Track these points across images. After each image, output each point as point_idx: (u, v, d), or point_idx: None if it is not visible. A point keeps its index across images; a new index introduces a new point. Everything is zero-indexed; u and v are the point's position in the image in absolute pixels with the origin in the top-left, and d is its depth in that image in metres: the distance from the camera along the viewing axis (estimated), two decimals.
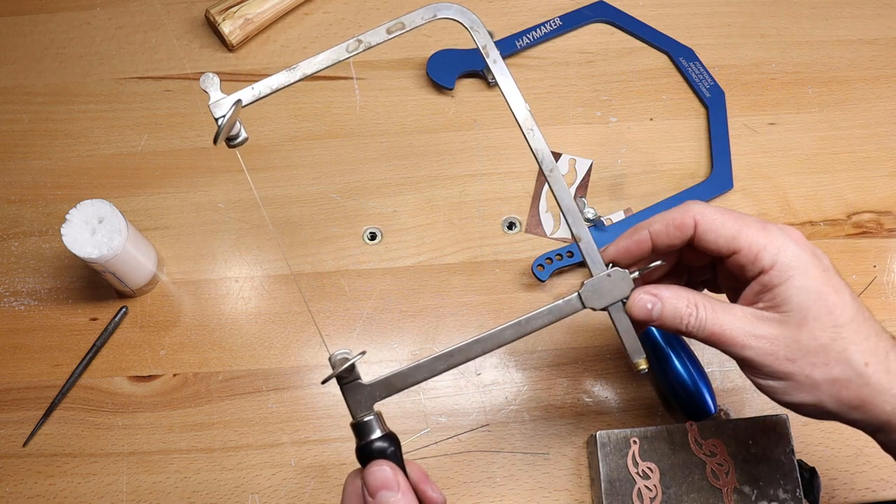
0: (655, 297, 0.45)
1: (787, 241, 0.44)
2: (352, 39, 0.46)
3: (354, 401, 0.44)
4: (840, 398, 0.43)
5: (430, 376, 0.45)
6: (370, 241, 0.69)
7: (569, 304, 0.46)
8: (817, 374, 0.43)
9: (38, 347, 0.66)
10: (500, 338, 0.46)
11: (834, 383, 0.43)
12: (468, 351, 0.45)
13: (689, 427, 0.57)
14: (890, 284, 0.68)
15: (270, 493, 0.61)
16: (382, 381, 0.45)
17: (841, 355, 0.43)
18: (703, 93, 0.75)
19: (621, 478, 0.56)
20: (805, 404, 0.44)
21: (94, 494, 0.61)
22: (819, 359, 0.43)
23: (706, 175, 0.72)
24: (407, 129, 0.74)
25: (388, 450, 0.43)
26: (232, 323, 0.67)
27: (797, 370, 0.43)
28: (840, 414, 0.44)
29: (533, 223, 0.70)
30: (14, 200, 0.71)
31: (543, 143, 0.46)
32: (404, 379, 0.45)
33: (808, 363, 0.43)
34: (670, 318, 0.45)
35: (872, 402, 0.43)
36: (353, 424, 0.44)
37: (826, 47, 0.78)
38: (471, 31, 0.47)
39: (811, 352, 0.43)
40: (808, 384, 0.43)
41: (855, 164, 0.73)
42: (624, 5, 0.79)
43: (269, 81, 0.46)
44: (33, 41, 0.78)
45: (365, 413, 0.44)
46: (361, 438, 0.44)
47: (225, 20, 0.75)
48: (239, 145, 0.48)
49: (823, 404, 0.44)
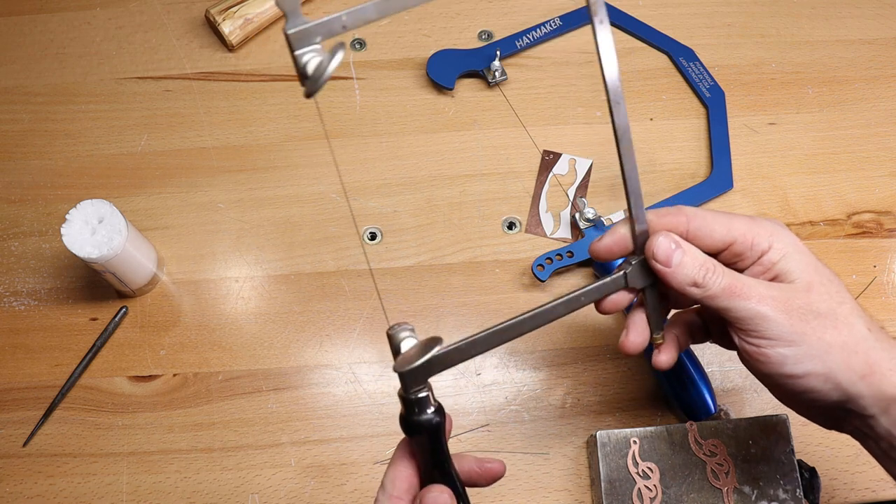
0: (679, 245, 0.45)
1: (779, 227, 0.46)
2: None
3: (413, 379, 0.42)
4: (850, 365, 0.43)
5: (486, 349, 0.45)
6: (370, 241, 0.69)
7: (614, 282, 0.48)
8: (829, 336, 0.43)
9: (38, 347, 0.66)
10: (553, 313, 0.46)
11: (844, 347, 0.43)
12: (521, 326, 0.45)
13: (689, 427, 0.57)
14: (890, 284, 0.68)
15: (270, 493, 0.61)
16: (440, 357, 0.43)
17: (847, 319, 0.43)
18: (703, 93, 0.75)
19: (621, 478, 0.56)
20: (815, 373, 0.43)
21: (94, 494, 0.61)
22: (828, 321, 0.43)
23: (706, 175, 0.72)
24: (407, 129, 0.74)
25: (440, 423, 0.42)
26: (232, 323, 0.67)
27: (810, 331, 0.43)
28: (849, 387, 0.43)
29: (533, 223, 0.70)
30: (14, 200, 0.71)
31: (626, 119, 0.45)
32: (461, 354, 0.44)
33: (819, 324, 0.43)
34: (689, 266, 0.45)
35: (880, 369, 0.43)
36: (405, 398, 0.42)
37: (826, 47, 0.78)
38: None
39: (822, 314, 0.43)
40: (820, 349, 0.43)
41: (855, 164, 0.73)
42: (624, 5, 0.79)
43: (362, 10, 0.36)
44: (33, 41, 0.78)
45: (420, 387, 0.42)
46: (415, 413, 0.42)
47: (225, 20, 0.75)
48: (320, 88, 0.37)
49: (833, 374, 0.43)
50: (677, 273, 0.45)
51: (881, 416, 0.43)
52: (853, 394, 0.43)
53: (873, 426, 0.44)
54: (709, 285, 0.44)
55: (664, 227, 0.47)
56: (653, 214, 0.47)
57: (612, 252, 0.48)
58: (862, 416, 0.44)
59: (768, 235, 0.45)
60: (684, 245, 0.45)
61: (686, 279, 0.45)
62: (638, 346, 0.49)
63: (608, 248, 0.48)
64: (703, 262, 0.45)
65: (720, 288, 0.44)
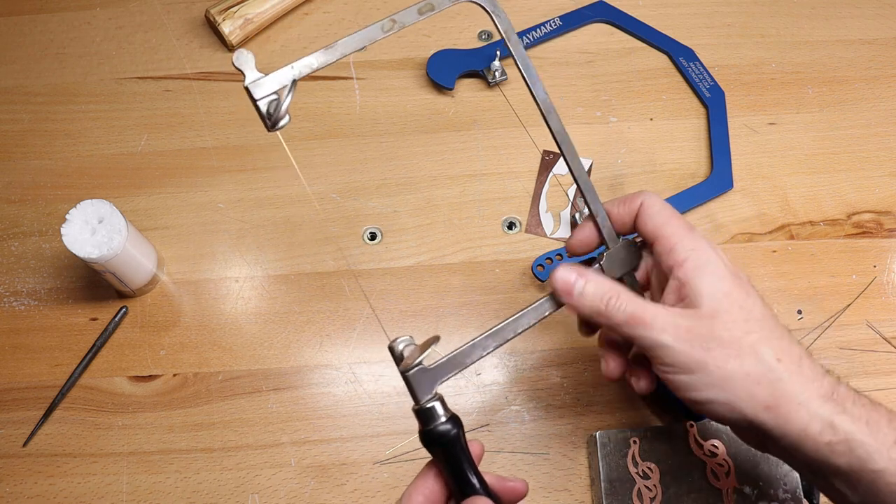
0: (581, 275, 0.46)
1: (705, 245, 0.46)
2: (386, 19, 0.46)
3: (419, 386, 0.44)
4: (753, 395, 0.42)
5: (485, 354, 0.46)
6: (370, 241, 0.69)
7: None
8: (730, 366, 0.42)
9: (38, 347, 0.66)
10: (544, 308, 0.48)
11: (746, 377, 0.42)
12: (516, 325, 0.47)
13: (689, 427, 0.57)
14: (890, 284, 0.68)
15: (270, 493, 0.61)
16: (445, 363, 0.45)
17: (753, 348, 0.42)
18: (703, 93, 0.75)
19: (621, 478, 0.56)
20: (718, 402, 0.43)
21: (94, 494, 0.61)
22: (732, 351, 0.42)
23: (706, 175, 0.72)
24: (407, 129, 0.74)
25: (453, 432, 0.43)
26: (232, 323, 0.67)
27: (710, 360, 0.42)
28: (753, 418, 0.42)
29: (533, 223, 0.70)
30: (14, 200, 0.71)
31: (561, 125, 0.49)
32: (464, 358, 0.45)
33: (721, 354, 0.42)
34: (591, 296, 0.45)
35: (787, 404, 0.41)
36: (417, 410, 0.44)
37: (826, 47, 0.78)
38: (493, 15, 0.49)
39: (724, 343, 0.42)
40: (721, 377, 0.42)
41: (855, 164, 0.73)
42: (624, 5, 0.79)
43: (307, 61, 0.44)
44: (33, 41, 0.78)
45: (430, 397, 0.43)
46: (427, 423, 0.43)
47: (225, 20, 0.75)
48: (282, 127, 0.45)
49: (735, 404, 0.42)
50: (580, 303, 0.46)
51: (793, 451, 0.42)
52: (758, 424, 0.42)
53: (791, 457, 0.43)
54: (612, 314, 0.45)
55: (615, 216, 0.49)
56: (609, 204, 0.49)
57: (586, 245, 0.50)
58: (777, 446, 0.43)
59: (690, 248, 0.45)
60: (589, 274, 0.46)
61: (590, 308, 0.45)
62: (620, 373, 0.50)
63: (581, 242, 0.50)
64: (606, 290, 0.45)
65: (624, 317, 0.44)
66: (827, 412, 0.41)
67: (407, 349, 0.44)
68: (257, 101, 0.43)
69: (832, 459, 0.41)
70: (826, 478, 0.43)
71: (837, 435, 0.41)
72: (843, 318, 0.66)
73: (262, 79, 0.43)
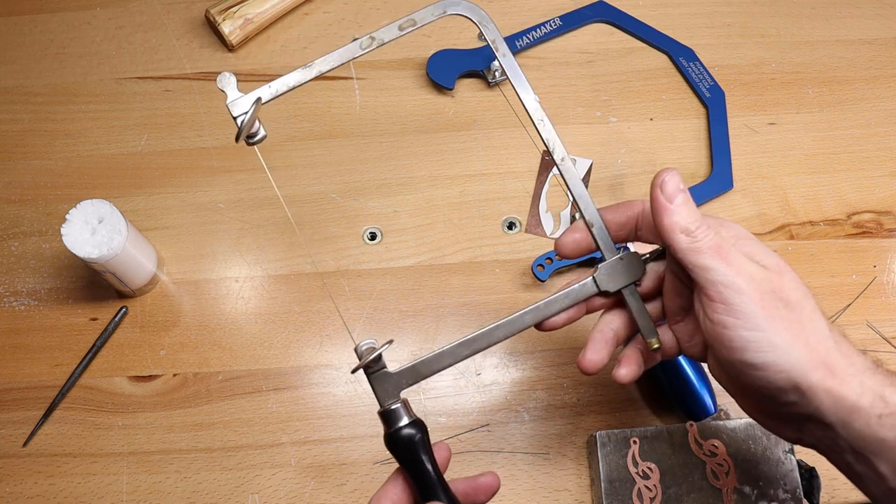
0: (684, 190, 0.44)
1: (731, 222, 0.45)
2: (365, 37, 0.47)
3: (382, 389, 0.45)
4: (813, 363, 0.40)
5: (454, 362, 0.46)
6: (370, 241, 0.69)
7: (584, 288, 0.47)
8: (794, 329, 0.41)
9: (38, 347, 0.66)
10: (521, 322, 0.47)
11: (806, 344, 0.41)
12: (490, 336, 0.46)
13: (689, 427, 0.57)
14: (890, 284, 0.68)
15: (270, 493, 0.61)
16: (408, 369, 0.46)
17: (812, 315, 0.42)
18: (703, 93, 0.75)
19: (621, 478, 0.56)
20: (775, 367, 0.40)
21: (94, 494, 0.61)
22: (796, 314, 0.41)
23: (706, 175, 0.72)
24: (407, 129, 0.74)
25: (415, 436, 0.43)
26: (232, 323, 0.67)
27: (778, 320, 0.41)
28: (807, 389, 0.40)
29: (533, 223, 0.70)
30: (14, 200, 0.71)
31: (554, 133, 0.47)
32: (429, 366, 0.46)
33: (787, 316, 0.41)
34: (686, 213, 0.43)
35: (842, 373, 0.40)
36: (380, 412, 0.45)
37: (826, 47, 0.78)
38: (480, 26, 0.48)
39: (791, 304, 0.41)
40: (783, 341, 0.40)
41: (855, 164, 0.73)
42: (624, 5, 0.79)
43: (285, 79, 0.47)
44: (33, 41, 0.78)
45: (392, 401, 0.45)
46: (390, 426, 0.44)
47: (225, 20, 0.75)
48: (258, 142, 0.49)
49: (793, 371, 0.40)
50: (674, 214, 0.43)
51: (840, 427, 0.41)
52: (810, 396, 0.40)
53: (834, 437, 0.41)
54: (699, 237, 0.43)
55: (616, 224, 0.47)
56: (605, 212, 0.47)
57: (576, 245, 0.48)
58: (821, 425, 0.41)
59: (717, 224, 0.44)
60: (688, 193, 0.44)
61: (679, 224, 0.43)
62: (596, 365, 0.47)
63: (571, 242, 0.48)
64: (699, 214, 0.43)
65: (708, 244, 0.42)
66: (877, 384, 0.40)
67: (367, 351, 0.45)
68: (236, 118, 0.46)
69: (881, 433, 0.39)
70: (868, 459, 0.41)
71: (889, 407, 0.40)
72: (843, 318, 0.66)
73: (240, 98, 0.46)
